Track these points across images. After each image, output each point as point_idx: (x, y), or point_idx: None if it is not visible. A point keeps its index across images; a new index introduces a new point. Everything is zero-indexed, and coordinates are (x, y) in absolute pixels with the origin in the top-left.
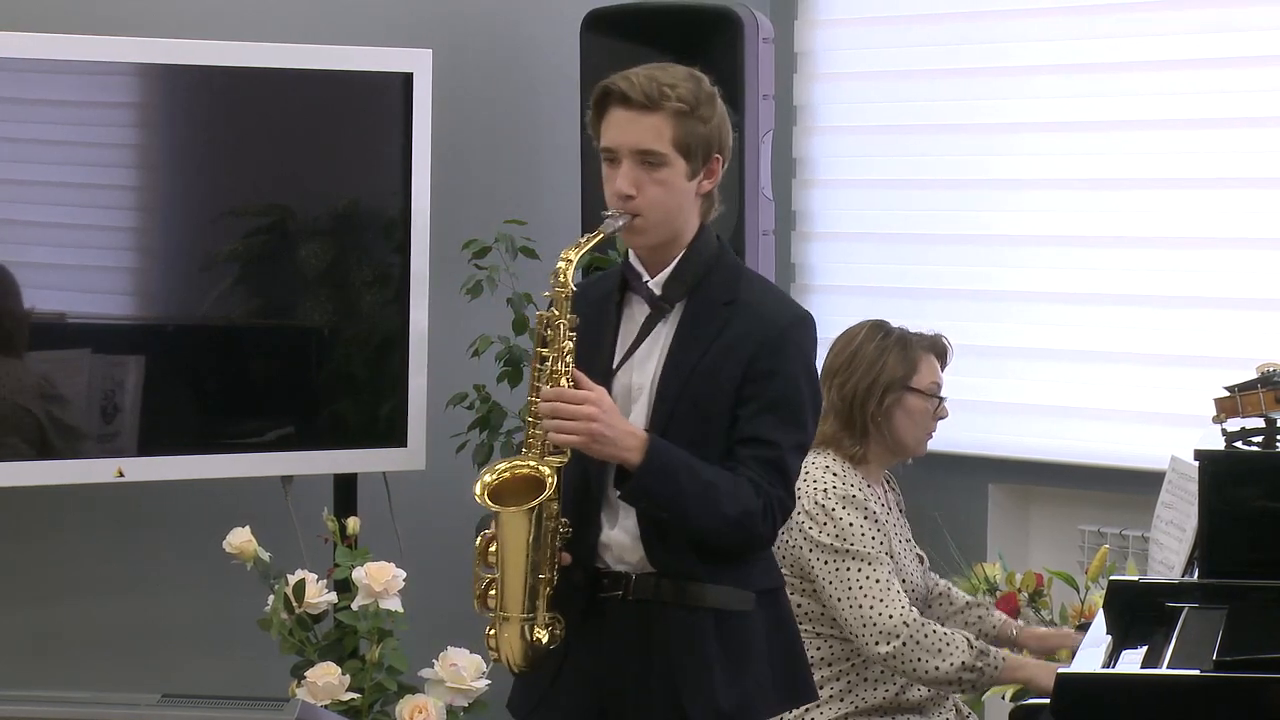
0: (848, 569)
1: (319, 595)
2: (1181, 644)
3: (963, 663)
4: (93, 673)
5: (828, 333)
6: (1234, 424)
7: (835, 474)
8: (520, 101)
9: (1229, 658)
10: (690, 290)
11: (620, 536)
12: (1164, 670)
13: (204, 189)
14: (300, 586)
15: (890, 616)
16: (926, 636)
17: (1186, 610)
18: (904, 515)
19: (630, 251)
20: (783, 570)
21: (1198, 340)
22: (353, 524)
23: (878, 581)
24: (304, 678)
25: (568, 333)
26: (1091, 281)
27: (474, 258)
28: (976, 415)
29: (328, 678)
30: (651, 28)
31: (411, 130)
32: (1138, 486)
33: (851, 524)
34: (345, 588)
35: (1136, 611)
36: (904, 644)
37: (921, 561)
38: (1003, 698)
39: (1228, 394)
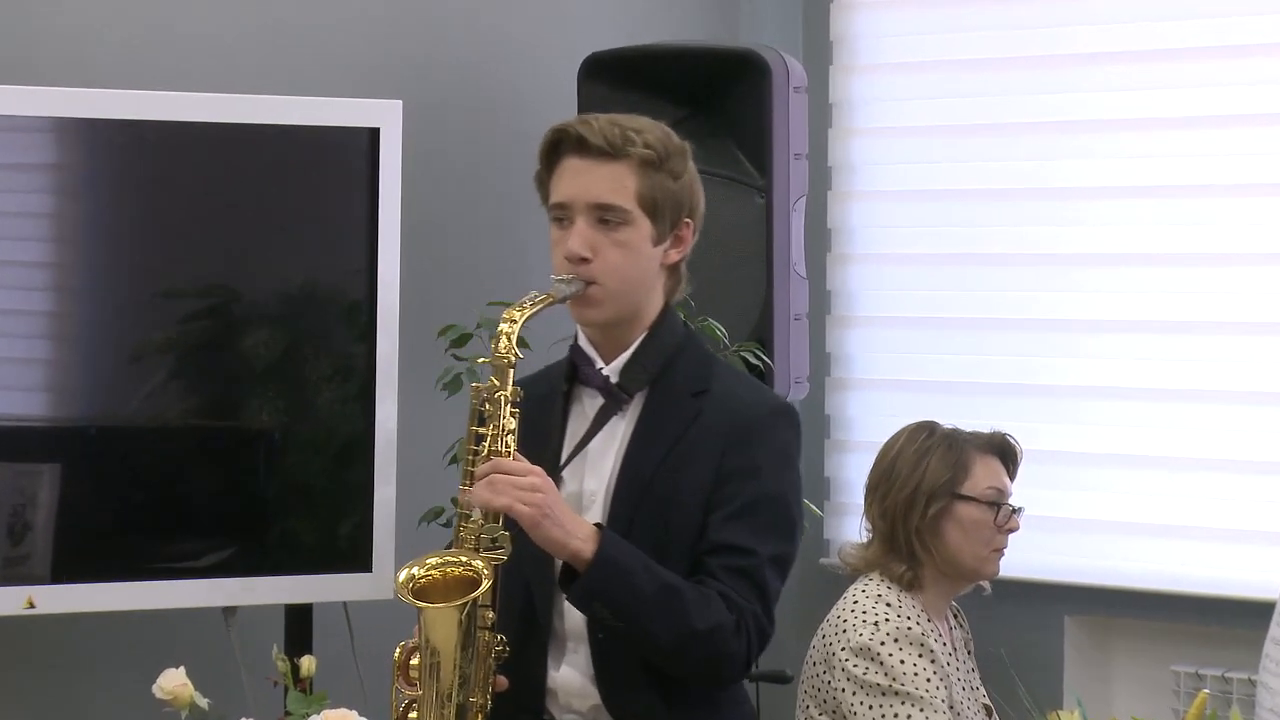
0: (896, 715)
1: None
2: None
3: None
4: None
5: (871, 435)
6: None
7: (889, 604)
8: (507, 162)
9: None
10: (653, 379)
11: (569, 678)
12: None
13: (132, 266)
14: None
15: None
16: None
17: None
18: (972, 656)
19: (580, 334)
20: (821, 717)
21: None
22: (307, 663)
23: None
24: None
25: (509, 408)
26: (1185, 376)
27: (451, 347)
28: (1048, 535)
29: None
30: (662, 74)
31: (378, 196)
32: (1242, 619)
33: (903, 662)
34: None
35: None
36: None
37: (989, 715)
38: None
39: None
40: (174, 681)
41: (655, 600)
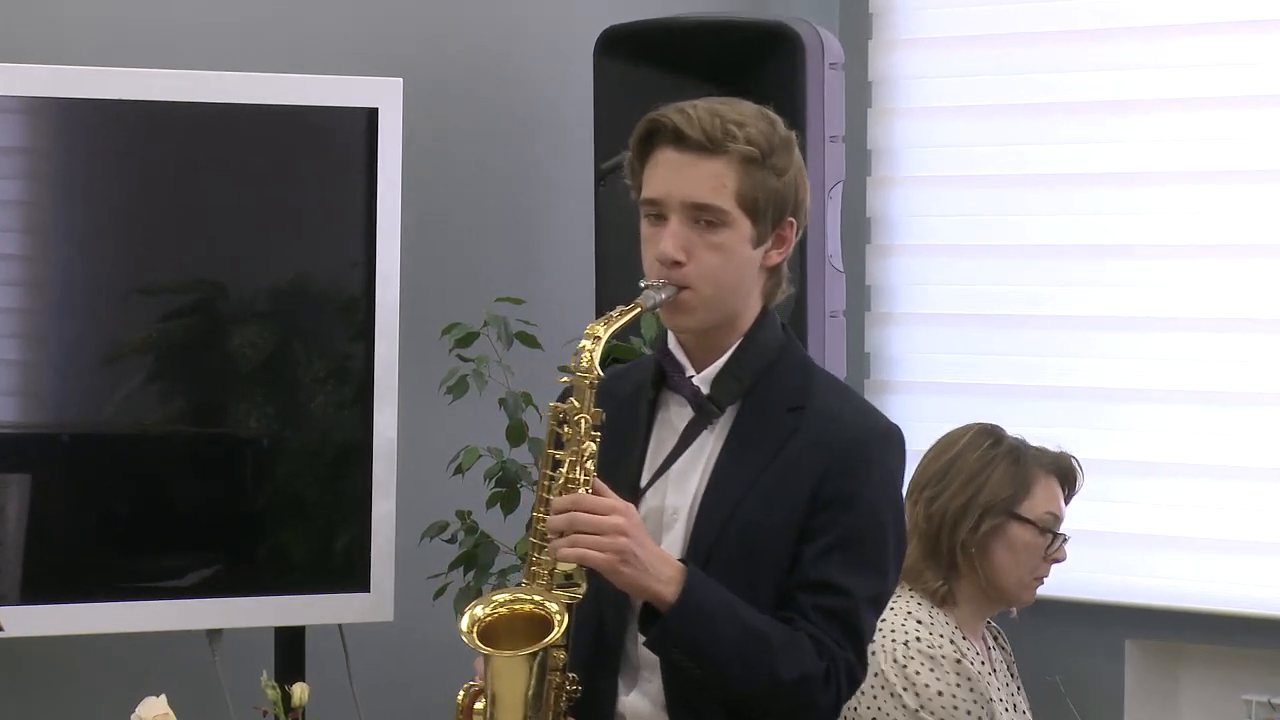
0: None
1: None
2: None
3: None
4: None
5: (916, 442)
6: None
7: (920, 621)
8: (516, 145)
9: None
10: (747, 391)
11: (639, 705)
12: None
13: (109, 259)
14: None
15: None
16: None
17: None
18: (1017, 680)
19: (670, 336)
20: None
21: None
22: (299, 691)
23: None
24: None
25: (589, 431)
26: (1260, 380)
27: (456, 347)
28: (1109, 552)
29: None
30: (686, 50)
31: (376, 183)
32: None
33: (941, 693)
34: None
35: None
36: None
37: None
38: None
39: None
40: (154, 710)
41: (739, 648)
